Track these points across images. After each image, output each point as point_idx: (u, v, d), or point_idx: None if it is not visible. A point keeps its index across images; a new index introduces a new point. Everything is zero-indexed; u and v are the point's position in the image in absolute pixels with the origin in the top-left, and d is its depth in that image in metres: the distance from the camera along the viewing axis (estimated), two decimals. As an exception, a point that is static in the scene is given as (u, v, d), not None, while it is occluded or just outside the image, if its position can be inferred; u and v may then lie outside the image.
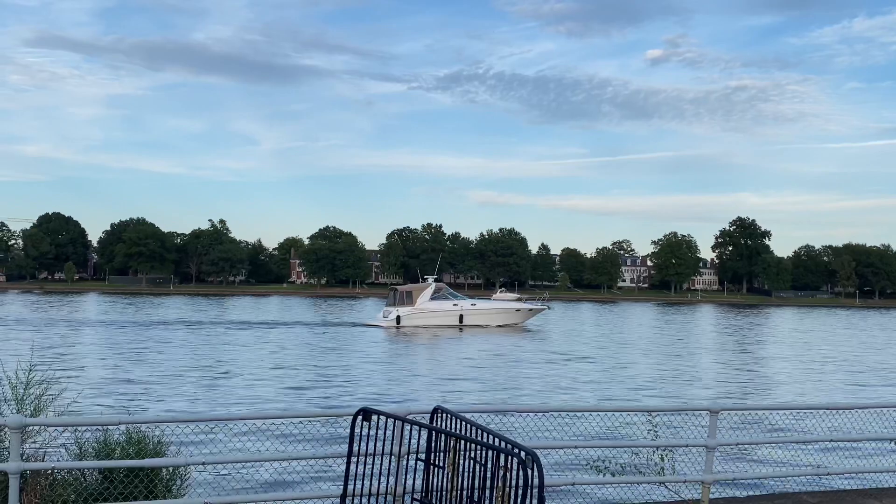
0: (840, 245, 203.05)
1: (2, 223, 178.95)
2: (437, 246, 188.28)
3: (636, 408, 13.69)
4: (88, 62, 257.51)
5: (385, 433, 6.90)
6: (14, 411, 7.90)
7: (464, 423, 6.69)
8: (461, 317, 64.60)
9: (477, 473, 5.98)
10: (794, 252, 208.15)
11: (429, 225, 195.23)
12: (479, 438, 6.23)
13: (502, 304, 70.24)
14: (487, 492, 5.81)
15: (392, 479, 7.50)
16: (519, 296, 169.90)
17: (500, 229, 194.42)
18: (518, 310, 67.95)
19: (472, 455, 6.07)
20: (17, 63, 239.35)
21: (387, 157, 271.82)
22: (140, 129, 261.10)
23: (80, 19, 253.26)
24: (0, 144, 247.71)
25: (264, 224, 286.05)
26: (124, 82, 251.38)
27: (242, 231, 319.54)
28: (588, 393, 27.90)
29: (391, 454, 7.37)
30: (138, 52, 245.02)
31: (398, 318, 62.64)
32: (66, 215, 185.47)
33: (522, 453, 5.50)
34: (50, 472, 7.61)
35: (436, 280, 68.90)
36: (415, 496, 7.16)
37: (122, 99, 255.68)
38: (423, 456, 6.84)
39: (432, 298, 64.65)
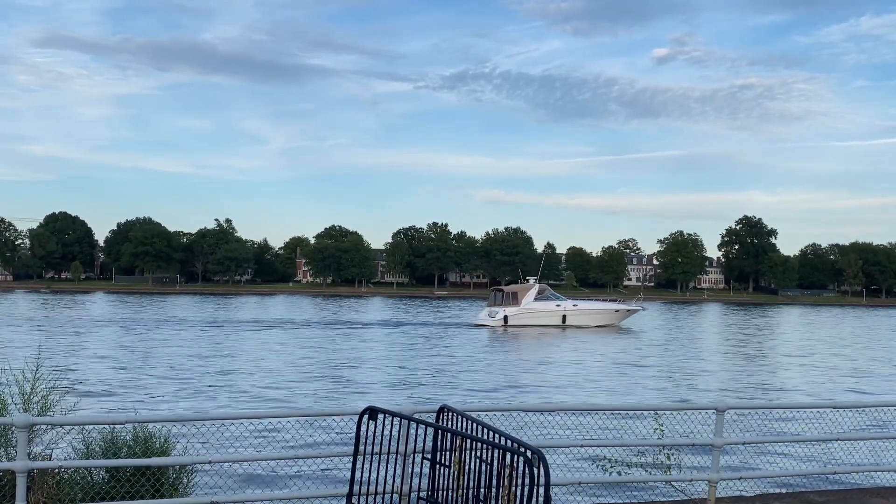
0: (847, 243, 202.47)
1: (9, 223, 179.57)
2: (442, 245, 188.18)
3: (642, 406, 13.66)
4: (96, 62, 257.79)
5: (391, 432, 6.90)
6: (21, 410, 7.92)
7: (470, 422, 6.68)
8: (564, 317, 66.42)
9: (483, 472, 5.97)
10: (801, 250, 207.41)
11: (434, 224, 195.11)
12: (485, 437, 6.22)
13: (602, 304, 72.10)
14: (493, 490, 5.80)
15: (398, 478, 7.51)
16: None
17: (506, 228, 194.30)
18: (616, 310, 69.56)
19: (478, 454, 6.06)
20: (25, 63, 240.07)
21: (393, 156, 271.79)
22: (147, 128, 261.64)
23: (88, 19, 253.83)
24: (8, 144, 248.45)
25: (270, 223, 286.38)
26: (131, 82, 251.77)
27: (248, 230, 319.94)
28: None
29: (397, 453, 7.37)
30: (145, 51, 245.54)
31: (506, 317, 64.28)
32: (73, 215, 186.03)
33: (528, 452, 5.49)
34: (57, 470, 7.63)
35: (538, 282, 71.18)
36: (421, 495, 7.16)
37: (130, 99, 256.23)
38: (429, 455, 6.84)
39: (536, 299, 66.54)
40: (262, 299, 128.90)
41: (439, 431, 6.69)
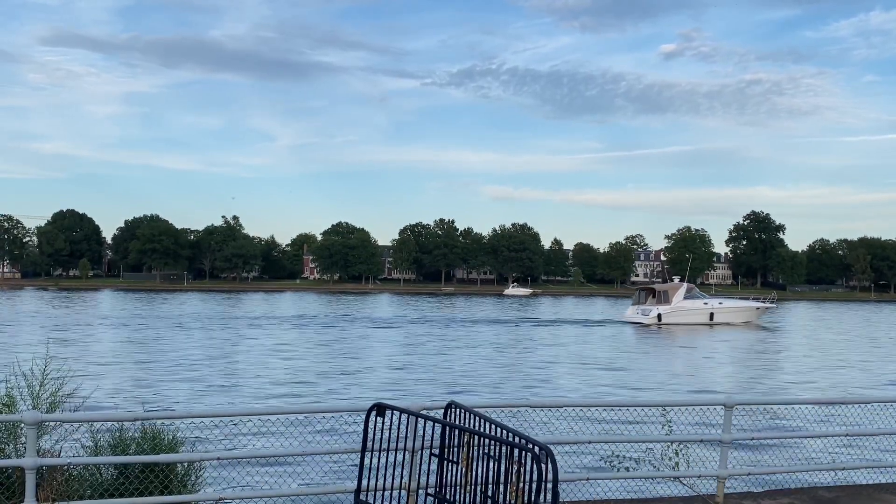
0: (855, 238, 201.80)
1: (17, 220, 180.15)
2: (449, 241, 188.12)
3: (650, 402, 13.63)
4: (105, 60, 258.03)
5: (399, 428, 6.90)
6: (30, 407, 7.95)
7: (478, 418, 6.68)
8: (712, 315, 69.35)
9: (491, 468, 5.96)
10: (809, 246, 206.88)
11: (441, 220, 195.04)
12: (493, 433, 6.21)
13: (744, 303, 75.12)
14: (501, 487, 5.79)
15: (406, 474, 7.51)
16: (533, 290, 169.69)
17: (513, 224, 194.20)
18: (758, 308, 72.54)
19: (486, 450, 6.05)
20: (35, 61, 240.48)
21: (401, 153, 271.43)
22: (157, 126, 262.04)
23: (97, 17, 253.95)
24: (17, 142, 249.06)
25: (278, 220, 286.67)
26: (141, 80, 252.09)
27: (256, 227, 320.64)
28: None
29: (405, 449, 7.37)
30: (154, 49, 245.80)
31: (659, 315, 67.56)
32: (81, 212, 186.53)
33: (536, 448, 5.48)
34: (66, 467, 7.65)
35: (685, 282, 74.28)
36: (428, 491, 7.15)
37: (139, 96, 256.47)
38: (437, 451, 6.84)
39: (685, 297, 69.77)
40: (271, 296, 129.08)
41: (447, 428, 6.69)
